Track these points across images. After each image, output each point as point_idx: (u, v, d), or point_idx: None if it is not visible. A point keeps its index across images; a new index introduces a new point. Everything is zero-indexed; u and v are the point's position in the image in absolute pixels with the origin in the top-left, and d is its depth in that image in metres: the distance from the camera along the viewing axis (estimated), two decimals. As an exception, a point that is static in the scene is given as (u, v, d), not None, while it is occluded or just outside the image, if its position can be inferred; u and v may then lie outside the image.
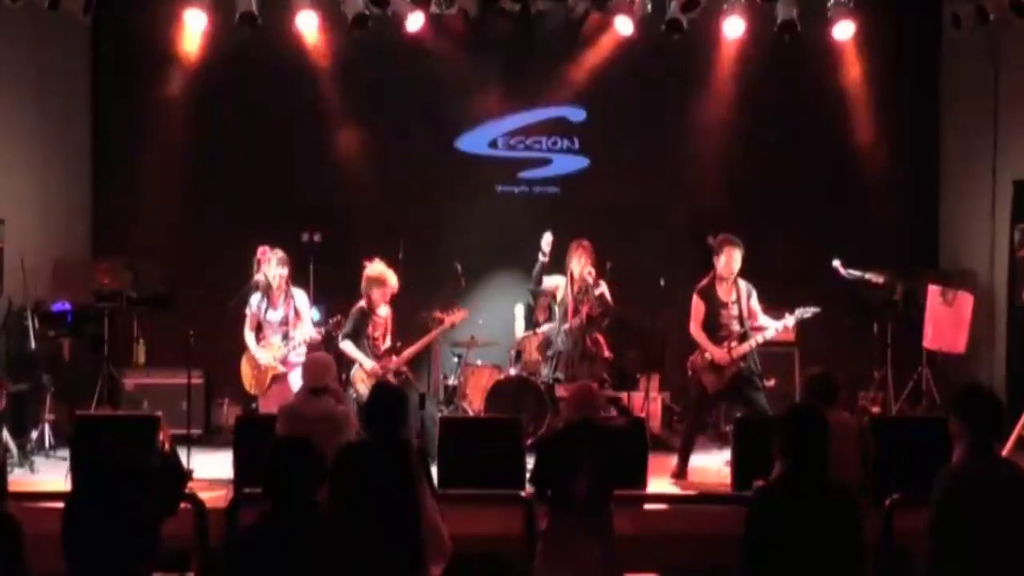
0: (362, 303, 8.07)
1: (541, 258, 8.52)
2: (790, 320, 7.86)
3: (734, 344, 7.75)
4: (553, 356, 8.59)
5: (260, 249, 8.01)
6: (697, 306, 7.89)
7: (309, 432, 5.20)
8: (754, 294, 7.97)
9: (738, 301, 7.87)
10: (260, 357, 7.89)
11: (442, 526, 5.03)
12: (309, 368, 6.11)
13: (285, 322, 7.91)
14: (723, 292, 7.89)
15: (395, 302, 8.31)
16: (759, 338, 7.80)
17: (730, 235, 7.96)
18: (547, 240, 8.49)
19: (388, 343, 8.20)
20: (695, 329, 7.88)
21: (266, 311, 7.93)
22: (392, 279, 8.06)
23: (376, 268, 8.07)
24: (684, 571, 5.92)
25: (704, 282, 7.96)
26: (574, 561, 4.93)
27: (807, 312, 7.84)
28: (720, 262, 7.88)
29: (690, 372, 7.95)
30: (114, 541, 3.11)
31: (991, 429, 4.19)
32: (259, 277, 7.91)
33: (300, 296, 8.07)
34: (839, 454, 4.28)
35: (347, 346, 8.05)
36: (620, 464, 5.22)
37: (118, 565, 3.12)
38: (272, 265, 7.89)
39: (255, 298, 7.95)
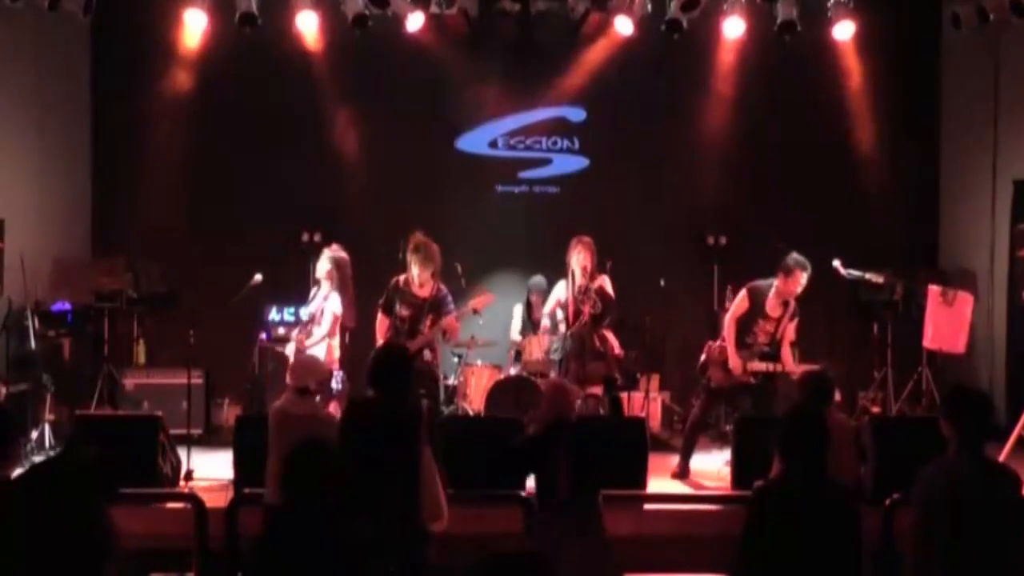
0: (401, 275, 7.81)
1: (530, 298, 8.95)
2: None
3: (751, 356, 7.60)
4: (561, 360, 8.49)
5: (333, 246, 7.99)
6: (741, 301, 7.67)
7: (296, 429, 5.25)
8: (796, 320, 7.69)
9: (781, 319, 7.62)
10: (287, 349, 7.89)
11: (439, 489, 5.01)
12: (294, 369, 6.09)
13: (312, 319, 7.84)
14: (771, 305, 7.61)
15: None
16: (778, 364, 7.56)
17: (804, 258, 7.57)
18: (535, 282, 8.89)
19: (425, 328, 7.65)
20: (729, 321, 7.67)
21: (310, 303, 7.89)
22: (433, 253, 7.65)
23: (417, 239, 7.76)
24: (684, 571, 5.93)
25: (761, 283, 7.65)
26: (559, 560, 4.90)
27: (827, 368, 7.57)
28: (787, 281, 7.51)
29: (703, 358, 7.79)
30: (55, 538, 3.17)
31: (978, 429, 4.20)
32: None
33: (333, 299, 7.83)
34: (835, 455, 4.28)
35: (378, 320, 7.80)
36: (602, 460, 5.20)
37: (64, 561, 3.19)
38: (322, 259, 7.84)
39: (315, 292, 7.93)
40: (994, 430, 4.77)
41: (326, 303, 7.76)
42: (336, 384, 7.61)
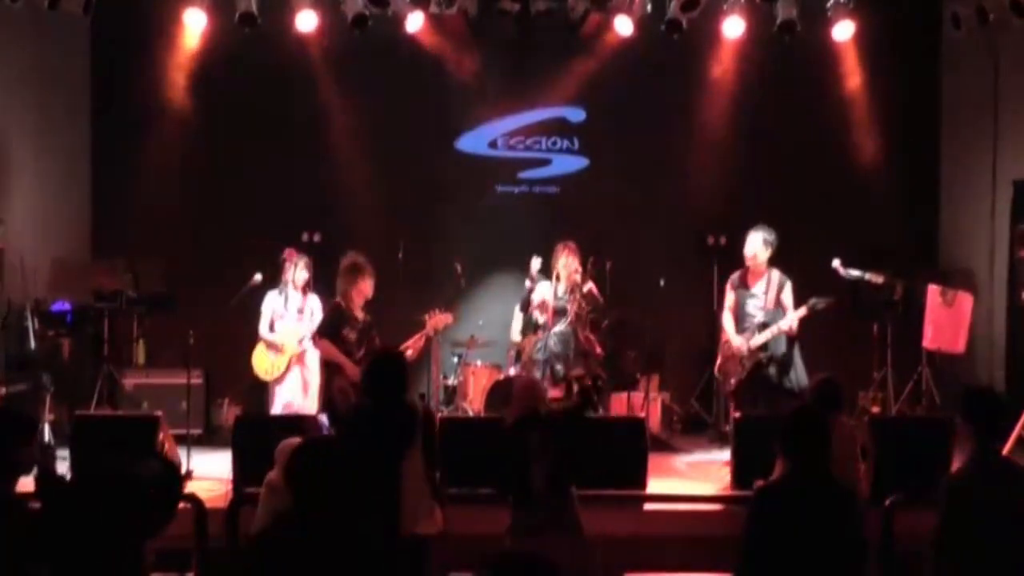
0: (339, 299, 7.61)
1: (528, 284, 8.69)
2: (802, 311, 7.69)
3: (750, 334, 7.76)
4: (545, 359, 8.51)
5: (287, 251, 8.15)
6: (728, 293, 7.99)
7: (275, 498, 5.09)
8: (787, 287, 7.85)
9: (767, 292, 7.83)
10: (286, 340, 7.97)
11: (424, 490, 4.99)
12: (279, 455, 5.81)
13: (302, 311, 8.07)
14: (752, 281, 7.89)
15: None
16: (773, 328, 7.71)
17: (760, 225, 7.94)
18: (536, 265, 8.66)
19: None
20: (725, 316, 7.97)
21: (285, 304, 8.07)
22: (369, 273, 7.60)
23: (354, 257, 7.67)
24: (684, 571, 5.92)
25: (736, 272, 8.03)
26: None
27: (820, 303, 7.66)
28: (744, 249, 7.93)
29: (718, 363, 8.01)
30: (95, 554, 3.09)
31: (996, 431, 4.20)
32: (287, 277, 8.07)
33: (315, 299, 8.12)
34: (837, 457, 4.29)
35: (322, 345, 7.60)
36: (573, 452, 5.21)
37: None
38: (299, 268, 8.05)
39: (272, 296, 8.10)
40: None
41: (311, 302, 8.07)
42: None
